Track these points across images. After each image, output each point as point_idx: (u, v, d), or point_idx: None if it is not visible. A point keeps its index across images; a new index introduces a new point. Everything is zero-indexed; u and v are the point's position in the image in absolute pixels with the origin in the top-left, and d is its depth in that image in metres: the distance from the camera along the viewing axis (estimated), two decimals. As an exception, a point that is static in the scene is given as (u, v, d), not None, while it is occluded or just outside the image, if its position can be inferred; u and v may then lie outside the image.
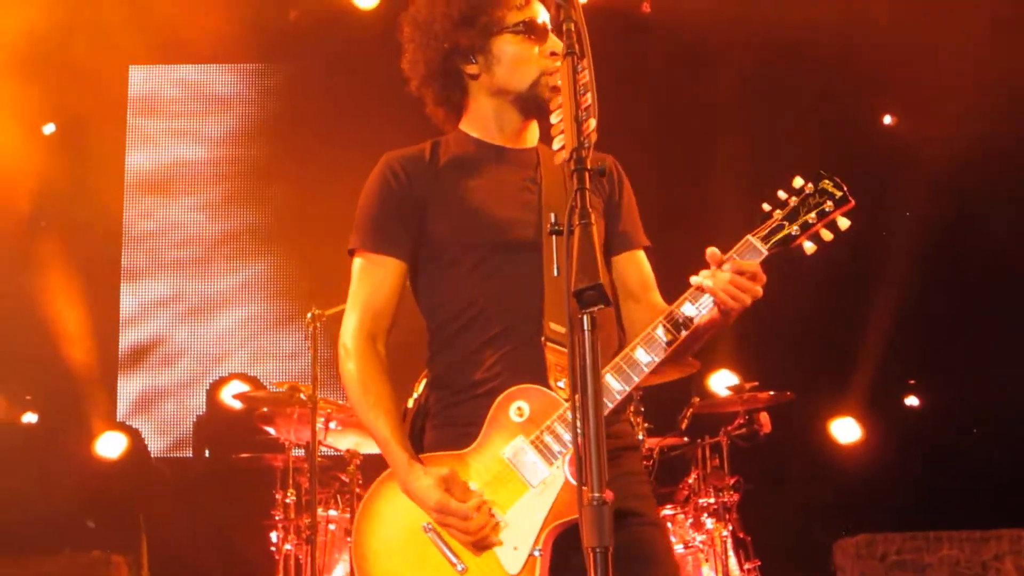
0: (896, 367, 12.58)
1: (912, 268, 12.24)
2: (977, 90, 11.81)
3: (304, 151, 13.07)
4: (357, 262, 4.58)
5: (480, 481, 4.21)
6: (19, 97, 12.27)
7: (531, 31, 4.58)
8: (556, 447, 4.15)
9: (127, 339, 13.18)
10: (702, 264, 4.24)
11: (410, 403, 4.61)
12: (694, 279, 4.20)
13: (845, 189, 4.27)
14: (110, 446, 12.65)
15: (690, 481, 10.11)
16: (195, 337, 13.22)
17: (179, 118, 13.61)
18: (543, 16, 4.63)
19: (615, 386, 4.17)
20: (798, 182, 4.31)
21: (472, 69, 4.64)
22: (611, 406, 4.15)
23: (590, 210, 3.37)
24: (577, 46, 3.76)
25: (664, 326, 4.21)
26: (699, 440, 10.10)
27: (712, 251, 4.22)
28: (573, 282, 3.24)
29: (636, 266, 4.76)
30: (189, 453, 13.00)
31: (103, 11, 12.43)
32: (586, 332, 3.28)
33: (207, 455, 12.94)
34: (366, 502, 4.40)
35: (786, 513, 11.57)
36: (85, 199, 12.68)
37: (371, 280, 4.53)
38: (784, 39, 12.31)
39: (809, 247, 4.26)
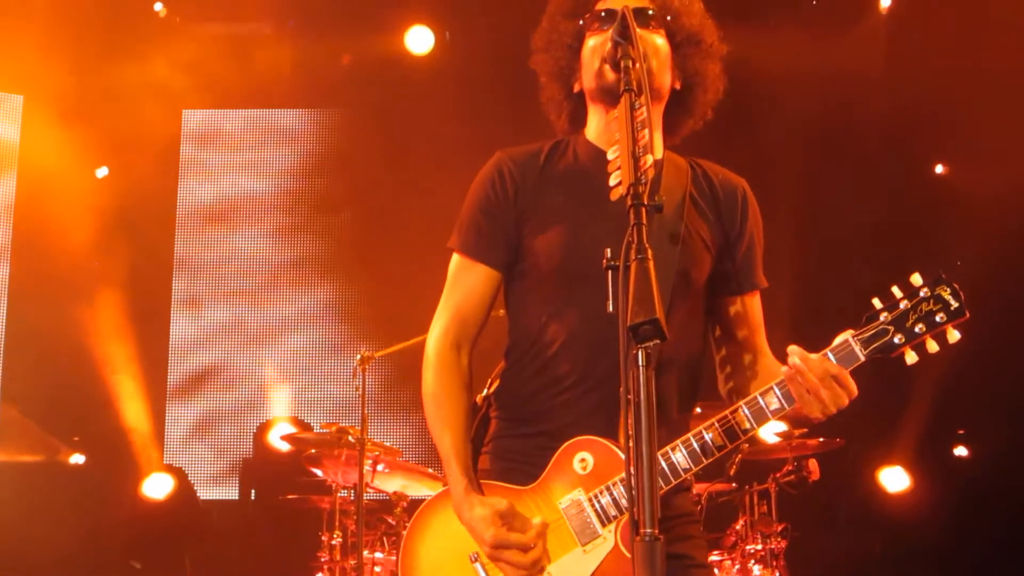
0: (946, 416, 12.50)
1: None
2: (1021, 140, 11.79)
3: (355, 193, 13.12)
4: (454, 261, 4.47)
5: (534, 523, 4.10)
6: (73, 142, 12.38)
7: (591, 23, 4.41)
8: (613, 511, 4.05)
9: (175, 378, 13.22)
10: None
11: (478, 399, 4.48)
12: (788, 373, 4.00)
13: (963, 299, 4.00)
14: (157, 487, 12.67)
15: (738, 527, 10.05)
16: (244, 373, 13.26)
17: (231, 155, 13.68)
18: (634, 3, 4.17)
19: (681, 464, 4.09)
20: (916, 280, 4.04)
21: (577, 86, 4.51)
22: (675, 482, 4.10)
23: (647, 246, 3.31)
24: (635, 83, 3.72)
25: (744, 412, 4.07)
26: (747, 486, 10.04)
27: (793, 351, 4.01)
28: (629, 316, 3.17)
29: (748, 310, 4.56)
30: (236, 495, 13.00)
31: (158, 58, 12.55)
32: (640, 367, 3.21)
33: (253, 496, 12.94)
34: (421, 514, 4.35)
35: (834, 561, 11.49)
36: (137, 238, 12.73)
37: (464, 285, 4.42)
38: (834, 91, 12.35)
39: (911, 358, 4.04)
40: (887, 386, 11.93)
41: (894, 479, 12.52)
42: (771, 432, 10.40)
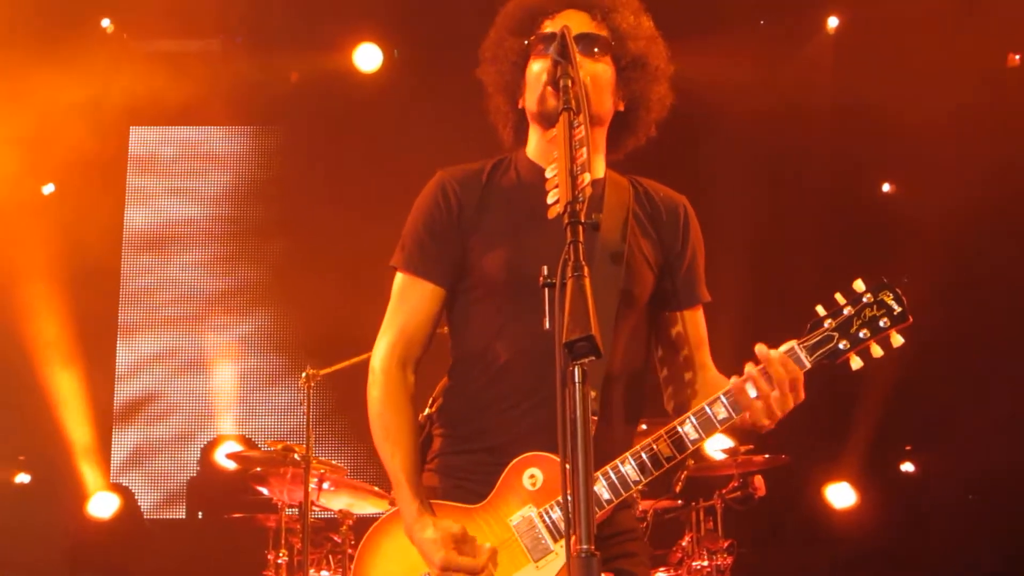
0: (892, 432, 12.56)
1: (910, 333, 12.22)
2: (965, 158, 11.90)
3: (302, 210, 13.11)
4: (398, 280, 4.46)
5: (485, 543, 4.11)
6: (20, 158, 12.31)
7: (535, 47, 4.38)
8: (563, 525, 4.01)
9: (122, 397, 13.16)
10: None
11: (420, 417, 4.48)
12: (736, 384, 4.08)
13: (905, 304, 4.08)
14: (102, 506, 12.59)
15: (684, 544, 10.06)
16: (189, 395, 13.20)
17: (179, 176, 13.64)
18: (575, 24, 4.26)
19: (632, 477, 4.07)
20: (859, 286, 4.11)
21: (520, 103, 4.48)
22: (624, 494, 4.09)
23: (584, 263, 3.31)
24: (574, 102, 3.75)
25: (692, 422, 4.10)
26: (693, 503, 10.05)
27: (760, 351, 4.08)
28: (564, 333, 3.17)
29: (692, 324, 4.56)
30: (182, 514, 12.94)
31: (105, 74, 12.50)
32: (577, 384, 3.21)
33: (200, 516, 12.88)
34: (373, 534, 4.31)
35: (780, 577, 11.56)
36: (82, 257, 12.65)
37: (408, 303, 4.39)
38: (782, 109, 12.43)
39: (856, 363, 4.09)
40: (833, 402, 12.00)
41: (840, 495, 12.57)
42: (717, 449, 10.43)
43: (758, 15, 12.96)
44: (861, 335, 4.05)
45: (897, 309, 4.06)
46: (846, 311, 4.07)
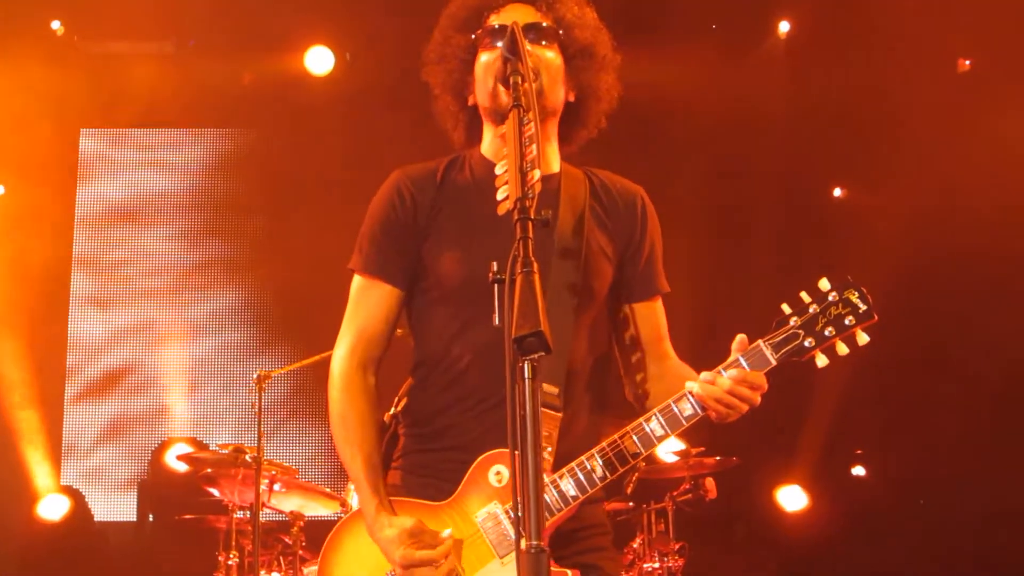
0: (843, 436, 12.61)
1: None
2: (916, 163, 11.96)
3: (254, 213, 13.08)
4: (356, 282, 4.46)
5: (446, 537, 4.13)
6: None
7: (484, 40, 4.41)
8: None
9: (72, 401, 13.09)
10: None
11: (386, 417, 4.50)
12: (690, 385, 4.11)
13: (871, 303, 4.12)
14: (53, 509, 12.53)
15: (635, 546, 10.08)
16: (139, 398, 13.13)
17: (129, 179, 13.59)
18: (522, 16, 4.34)
19: (598, 473, 4.10)
20: (824, 285, 4.16)
21: (471, 99, 4.50)
22: (591, 491, 4.11)
23: (533, 259, 3.32)
24: (523, 99, 3.76)
25: (658, 419, 4.14)
26: (645, 505, 10.08)
27: (740, 339, 4.16)
28: (513, 329, 3.18)
29: (652, 314, 4.61)
30: (133, 516, 12.88)
31: (55, 76, 12.44)
32: (527, 380, 3.22)
33: (151, 518, 12.83)
34: (336, 534, 4.33)
35: (731, 579, 11.59)
36: (32, 262, 12.58)
37: (367, 304, 4.41)
38: (735, 114, 12.48)
39: (821, 360, 4.14)
40: (785, 405, 12.03)
41: (791, 498, 12.61)
42: (668, 451, 10.45)
43: (710, 19, 12.99)
44: (827, 333, 4.10)
45: (862, 307, 4.10)
46: (812, 309, 4.13)
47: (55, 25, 12.79)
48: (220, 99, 13.31)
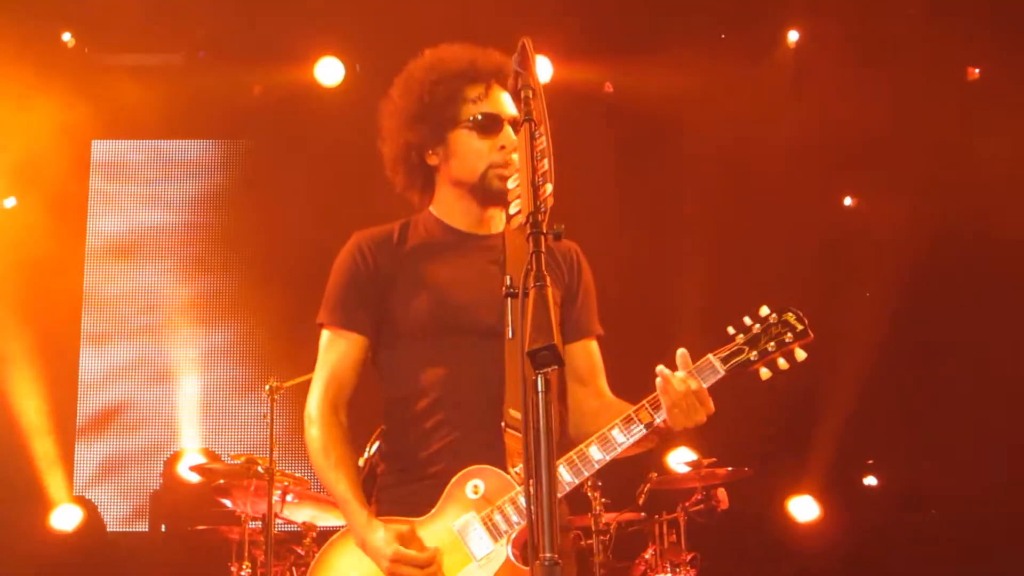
0: (855, 446, 12.58)
1: (871, 347, 12.28)
2: (927, 172, 11.95)
3: (265, 223, 13.08)
4: (324, 335, 4.80)
5: (432, 545, 4.38)
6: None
7: (481, 126, 4.75)
8: (503, 526, 4.37)
9: (85, 409, 13.10)
10: (662, 348, 4.30)
11: (360, 462, 4.77)
12: (660, 394, 4.41)
13: (806, 324, 4.52)
14: (65, 519, 12.53)
15: (647, 557, 10.07)
16: (153, 408, 13.14)
17: (141, 190, 13.62)
18: (507, 107, 4.77)
19: (566, 477, 4.41)
20: (764, 311, 4.55)
21: (432, 160, 4.86)
22: (559, 496, 4.26)
23: (545, 273, 3.41)
24: (535, 113, 3.81)
25: (620, 428, 4.45)
26: (657, 516, 10.07)
27: (681, 353, 4.49)
28: (527, 343, 3.24)
29: (587, 354, 4.96)
30: (145, 527, 12.88)
31: (66, 88, 12.47)
32: (540, 393, 3.29)
33: (163, 528, 12.83)
34: (321, 555, 4.58)
35: (743, 591, 11.57)
36: (45, 270, 12.60)
37: (335, 353, 4.75)
38: (744, 124, 12.47)
39: (765, 373, 4.50)
40: (796, 415, 12.05)
41: (803, 509, 12.58)
42: (680, 462, 10.45)
43: (720, 29, 12.99)
44: (768, 348, 4.50)
45: (799, 327, 4.52)
46: (755, 328, 4.54)
47: (66, 37, 12.81)
48: (230, 110, 13.32)
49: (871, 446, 12.99)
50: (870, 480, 13.15)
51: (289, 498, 9.39)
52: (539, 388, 3.30)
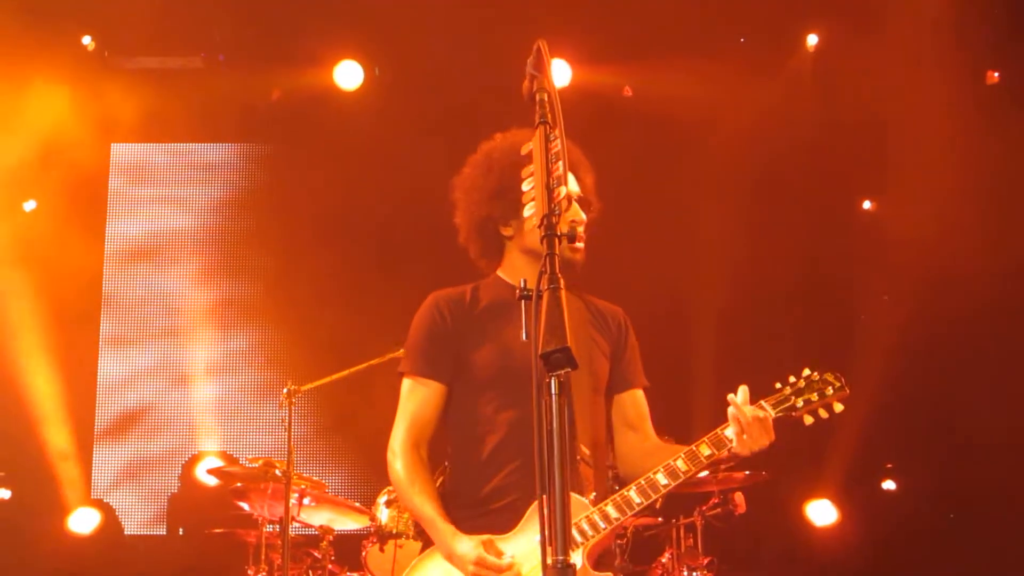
0: (873, 450, 12.55)
1: (890, 351, 12.25)
2: (947, 175, 11.91)
3: (284, 227, 13.10)
4: (406, 383, 5.23)
5: (513, 553, 4.77)
6: (1, 174, 12.30)
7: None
8: (579, 539, 4.74)
9: (103, 413, 13.13)
10: (683, 349, 4.37)
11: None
12: (729, 423, 4.92)
13: (843, 382, 5.06)
14: (83, 522, 12.57)
15: (664, 561, 10.07)
16: (171, 411, 13.17)
17: (160, 193, 13.64)
18: (571, 185, 5.10)
19: (636, 499, 4.85)
20: (806, 372, 5.05)
21: (507, 231, 5.21)
22: (629, 514, 4.84)
23: (559, 275, 3.46)
24: (549, 115, 3.83)
25: (684, 460, 4.90)
26: (674, 520, 10.07)
27: (743, 388, 4.96)
28: (540, 344, 3.26)
29: (636, 403, 5.37)
30: (163, 530, 12.91)
31: (87, 91, 12.50)
32: (553, 395, 3.35)
33: (181, 532, 12.85)
34: (411, 571, 5.01)
35: (760, 594, 11.55)
36: (65, 273, 12.63)
37: (417, 398, 5.18)
38: (762, 128, 12.47)
39: (808, 419, 5.01)
40: (815, 418, 11.99)
41: (821, 513, 12.56)
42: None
43: (739, 33, 12.99)
44: (811, 399, 5.02)
45: (837, 384, 5.06)
46: (800, 384, 5.06)
47: (86, 41, 12.84)
48: (249, 114, 13.35)
49: (890, 450, 12.96)
50: (888, 484, 13.12)
51: (306, 501, 9.41)
52: (552, 390, 3.30)
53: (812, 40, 12.93)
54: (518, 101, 4.71)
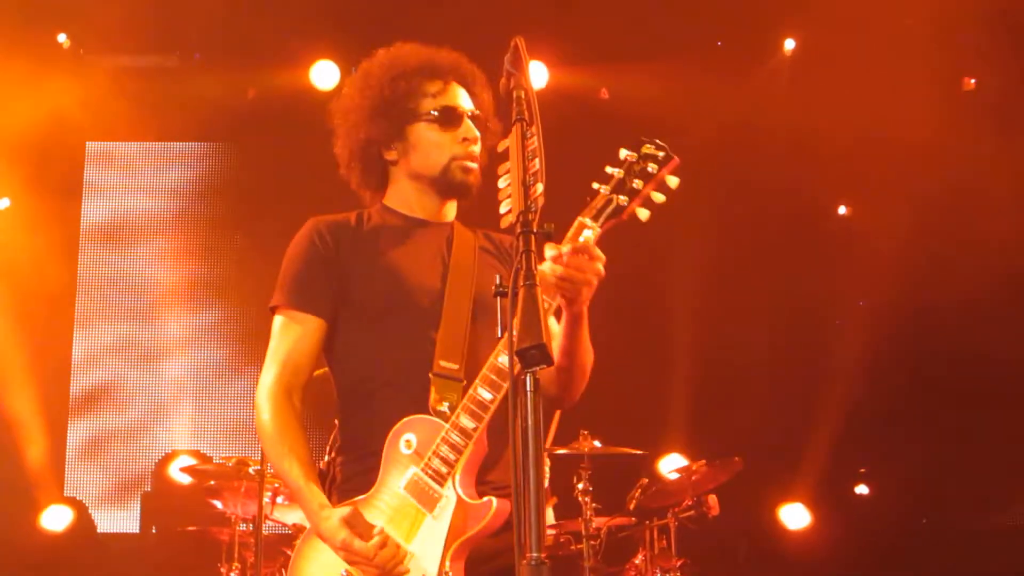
0: (847, 455, 12.59)
1: (865, 356, 12.30)
2: (922, 180, 11.95)
3: (258, 227, 13.09)
4: (278, 319, 4.72)
5: (383, 518, 4.28)
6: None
7: (442, 119, 4.78)
8: (444, 469, 4.24)
9: (75, 411, 13.11)
10: (655, 347, 4.30)
11: (322, 465, 4.69)
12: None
13: (666, 148, 4.27)
14: (55, 520, 12.53)
15: (637, 562, 10.07)
16: (144, 409, 13.17)
17: (134, 191, 13.64)
18: (463, 101, 4.82)
19: (487, 396, 4.23)
20: (622, 153, 4.26)
21: (391, 155, 4.85)
22: (486, 417, 4.23)
23: (535, 272, 3.38)
24: (526, 112, 3.81)
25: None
26: (647, 521, 10.07)
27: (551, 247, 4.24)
28: (516, 342, 3.24)
29: None
30: (136, 527, 12.89)
31: (61, 89, 12.46)
32: (529, 393, 3.27)
33: (154, 530, 12.83)
34: (296, 554, 4.50)
35: (732, 597, 11.58)
36: (37, 278, 12.58)
37: (291, 336, 4.64)
38: (738, 132, 12.50)
39: (643, 213, 4.25)
40: (788, 422, 12.05)
41: (794, 516, 12.58)
42: (671, 470, 10.45)
43: (716, 37, 13.02)
44: (635, 185, 4.22)
45: (660, 154, 4.26)
46: (616, 173, 4.24)
47: (61, 39, 12.81)
48: (224, 113, 13.33)
49: (863, 455, 13.00)
50: (862, 489, 13.16)
51: (280, 500, 9.41)
52: (528, 387, 3.26)
53: (789, 45, 12.97)
54: (495, 101, 4.74)
